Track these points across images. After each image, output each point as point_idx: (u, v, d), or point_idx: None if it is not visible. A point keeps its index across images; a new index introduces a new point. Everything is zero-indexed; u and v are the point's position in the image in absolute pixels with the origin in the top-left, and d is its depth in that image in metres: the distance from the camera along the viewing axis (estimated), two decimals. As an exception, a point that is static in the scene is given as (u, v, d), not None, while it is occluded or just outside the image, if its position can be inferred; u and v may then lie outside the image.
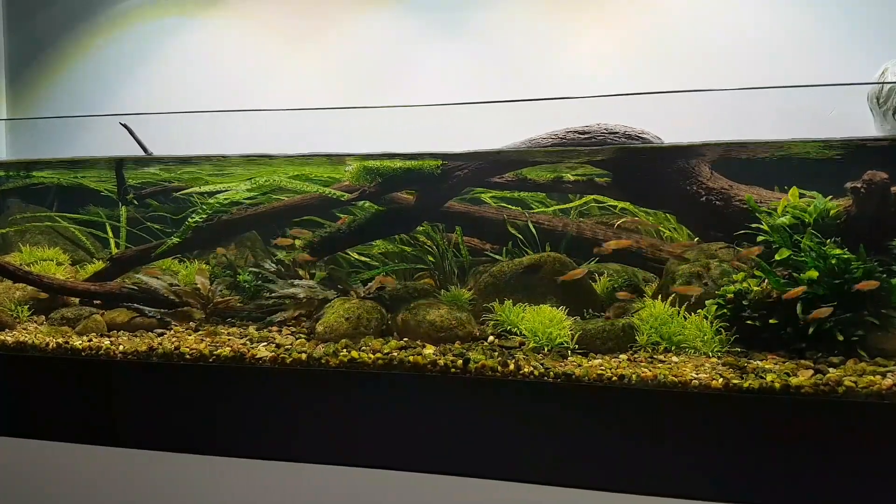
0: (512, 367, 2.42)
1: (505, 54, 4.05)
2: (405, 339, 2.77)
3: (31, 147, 4.64)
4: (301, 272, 3.60)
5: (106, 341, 2.84)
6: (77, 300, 3.34)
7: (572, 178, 3.38)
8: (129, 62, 4.55)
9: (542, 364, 2.42)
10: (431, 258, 3.62)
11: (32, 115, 4.72)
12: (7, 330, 3.07)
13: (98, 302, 3.29)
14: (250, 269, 3.45)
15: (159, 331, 2.99)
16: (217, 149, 3.24)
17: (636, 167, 3.13)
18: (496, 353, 2.55)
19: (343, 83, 4.24)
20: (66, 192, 4.22)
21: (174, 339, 2.83)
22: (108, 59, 4.58)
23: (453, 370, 2.46)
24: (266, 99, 4.29)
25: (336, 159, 3.21)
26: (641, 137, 2.90)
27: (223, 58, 4.39)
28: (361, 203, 3.29)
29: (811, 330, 2.41)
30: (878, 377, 2.20)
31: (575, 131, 2.94)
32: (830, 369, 2.29)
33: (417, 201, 3.33)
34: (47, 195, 4.22)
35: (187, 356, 2.66)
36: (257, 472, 2.50)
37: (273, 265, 3.44)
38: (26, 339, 2.89)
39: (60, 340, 2.85)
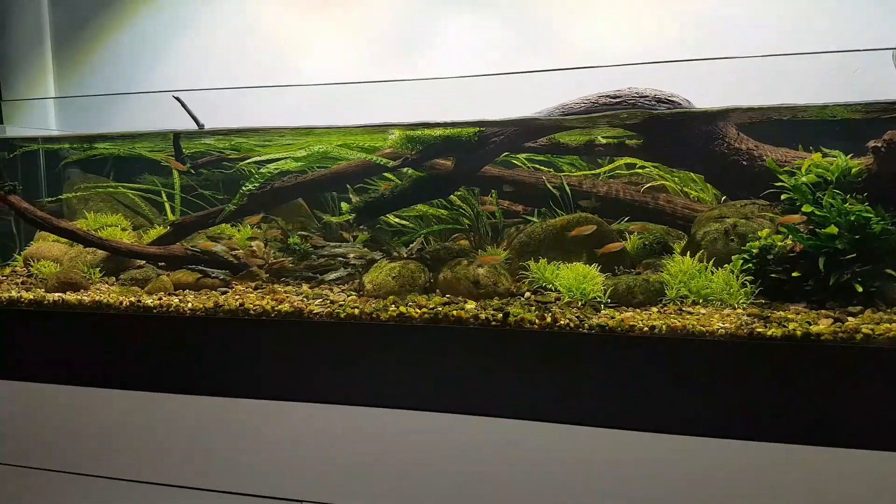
0: (549, 319, 2.62)
1: (530, 22, 4.12)
2: (447, 295, 2.98)
3: (79, 119, 4.85)
4: (345, 234, 3.83)
5: (175, 299, 3.10)
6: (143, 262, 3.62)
7: (604, 141, 3.51)
8: (167, 33, 4.66)
9: (577, 317, 2.61)
10: (467, 221, 3.80)
11: (78, 86, 4.88)
12: (83, 290, 3.35)
13: (162, 264, 3.56)
14: (299, 233, 3.69)
15: (223, 289, 3.25)
16: (259, 121, 3.43)
17: (666, 129, 3.26)
18: (533, 308, 2.75)
19: (371, 53, 4.35)
20: (122, 162, 4.47)
21: (237, 297, 3.08)
22: (149, 30, 4.71)
23: (494, 323, 2.67)
24: (298, 69, 4.39)
25: (378, 129, 3.39)
26: (671, 101, 3.03)
27: (255, 28, 4.48)
28: (405, 170, 3.47)
29: (832, 281, 2.56)
30: (895, 325, 2.35)
31: (607, 95, 3.08)
32: (849, 318, 2.46)
33: (455, 167, 3.51)
34: (104, 165, 4.48)
35: (251, 312, 2.91)
36: (319, 414, 2.77)
37: (320, 229, 3.67)
38: (101, 298, 3.17)
39: (133, 299, 3.12)
